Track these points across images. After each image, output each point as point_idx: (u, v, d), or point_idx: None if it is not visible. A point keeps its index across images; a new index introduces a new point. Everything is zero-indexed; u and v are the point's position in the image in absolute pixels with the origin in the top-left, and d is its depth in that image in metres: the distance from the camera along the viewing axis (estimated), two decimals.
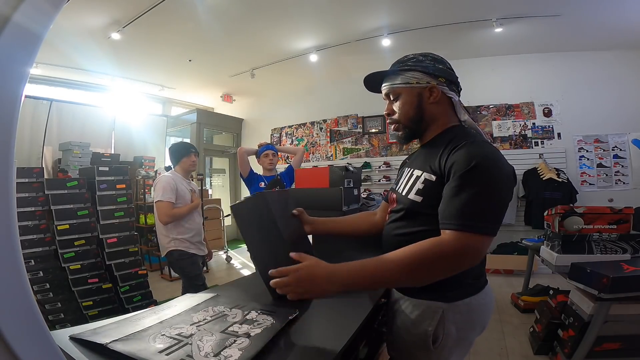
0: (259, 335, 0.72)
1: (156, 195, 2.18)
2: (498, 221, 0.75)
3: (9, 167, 0.38)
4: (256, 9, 3.33)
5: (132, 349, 0.63)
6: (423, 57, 0.93)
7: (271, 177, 2.63)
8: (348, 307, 0.90)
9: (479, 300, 0.88)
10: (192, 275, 2.28)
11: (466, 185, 0.75)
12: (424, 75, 0.90)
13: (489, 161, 0.76)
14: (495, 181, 0.75)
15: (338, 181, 1.87)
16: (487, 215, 0.74)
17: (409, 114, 0.93)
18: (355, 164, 4.75)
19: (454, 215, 0.74)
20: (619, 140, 3.91)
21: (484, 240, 0.73)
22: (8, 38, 0.37)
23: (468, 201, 0.73)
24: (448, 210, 0.76)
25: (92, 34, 3.60)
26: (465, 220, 0.73)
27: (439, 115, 0.93)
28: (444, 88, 0.90)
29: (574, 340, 1.81)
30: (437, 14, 3.43)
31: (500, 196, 0.76)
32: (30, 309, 0.40)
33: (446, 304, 0.85)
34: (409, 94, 0.92)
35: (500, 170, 0.77)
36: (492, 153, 0.78)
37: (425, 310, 0.86)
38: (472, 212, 0.73)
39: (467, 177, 0.75)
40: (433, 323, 0.85)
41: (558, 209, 1.85)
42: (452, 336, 0.86)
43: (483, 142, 0.83)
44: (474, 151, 0.77)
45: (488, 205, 0.74)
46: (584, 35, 3.72)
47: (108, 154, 4.29)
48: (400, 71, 0.93)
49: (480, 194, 0.74)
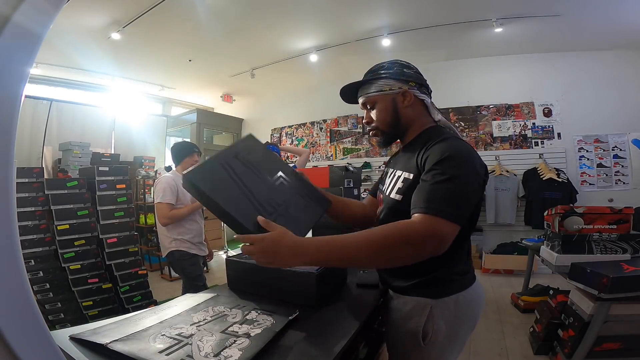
0: (259, 335, 0.72)
1: (156, 196, 2.18)
2: (464, 210, 0.77)
3: (9, 167, 0.38)
4: (256, 9, 3.33)
5: (132, 349, 0.63)
6: (392, 65, 0.98)
7: None
8: (348, 307, 0.90)
9: (466, 297, 0.91)
10: (193, 276, 2.28)
11: (437, 174, 0.78)
12: (395, 81, 0.95)
13: (460, 154, 0.80)
14: (464, 172, 0.78)
15: (338, 181, 1.88)
16: (454, 203, 0.75)
17: (386, 120, 0.97)
18: (355, 164, 4.75)
19: (423, 200, 0.76)
20: (619, 140, 3.91)
21: (449, 226, 0.74)
22: (8, 38, 0.37)
23: (437, 188, 0.76)
24: (418, 196, 0.78)
25: (92, 34, 3.60)
26: (433, 204, 0.75)
27: (414, 117, 0.97)
28: (416, 91, 0.95)
29: (574, 340, 1.81)
30: (437, 14, 3.43)
31: (468, 187, 0.78)
32: (30, 309, 0.40)
33: (434, 300, 0.88)
34: (383, 101, 0.97)
35: (471, 163, 0.80)
36: (463, 147, 0.83)
37: (415, 307, 0.89)
38: (439, 198, 0.75)
39: (438, 166, 0.78)
40: (422, 319, 0.87)
41: (558, 209, 1.85)
42: (441, 332, 0.88)
43: (456, 138, 0.87)
44: (446, 145, 0.82)
45: (455, 193, 0.76)
46: (584, 35, 3.72)
47: (108, 154, 4.28)
48: (373, 80, 0.97)
49: (448, 181, 0.76)
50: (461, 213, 0.76)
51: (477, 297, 0.95)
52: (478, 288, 0.95)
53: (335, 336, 0.73)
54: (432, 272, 0.87)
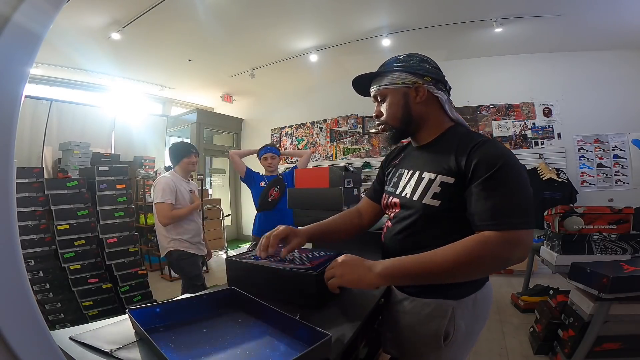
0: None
1: (156, 196, 2.18)
2: (532, 213, 0.77)
3: (9, 167, 0.38)
4: (256, 9, 3.33)
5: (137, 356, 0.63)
6: (408, 58, 0.94)
7: (273, 176, 2.62)
8: (348, 307, 0.90)
9: (483, 294, 0.91)
10: (192, 276, 2.28)
11: (498, 186, 0.76)
12: (409, 75, 0.91)
13: (511, 160, 0.79)
14: (521, 178, 0.79)
15: (338, 181, 1.87)
16: (523, 211, 0.76)
17: (397, 115, 0.93)
18: (355, 164, 4.75)
19: (494, 216, 0.75)
20: (619, 140, 3.91)
21: (526, 233, 0.75)
22: (8, 38, 0.37)
23: (504, 200, 0.75)
24: (485, 211, 0.76)
25: (92, 34, 3.60)
26: (505, 219, 0.74)
27: (427, 114, 0.93)
28: (431, 87, 0.91)
29: (574, 340, 1.81)
30: (437, 14, 3.43)
31: (527, 192, 0.79)
32: (30, 309, 0.40)
33: (456, 302, 0.87)
34: (395, 94, 0.92)
35: (521, 167, 0.80)
36: (509, 152, 0.82)
37: (436, 309, 0.87)
38: (509, 211, 0.75)
39: (497, 177, 0.76)
40: (444, 321, 0.86)
41: (558, 209, 1.84)
42: (461, 331, 0.87)
43: (495, 140, 0.87)
44: (496, 151, 0.80)
45: (521, 201, 0.76)
46: (584, 35, 3.72)
47: (108, 154, 4.29)
48: (387, 72, 0.94)
49: (512, 193, 0.76)
50: (531, 218, 0.76)
51: (489, 293, 0.96)
52: (488, 285, 0.95)
53: (335, 336, 0.73)
54: None
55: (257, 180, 2.63)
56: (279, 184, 2.56)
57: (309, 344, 0.60)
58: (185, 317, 0.78)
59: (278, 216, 2.51)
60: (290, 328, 0.69)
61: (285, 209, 2.46)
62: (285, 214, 2.47)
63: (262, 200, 2.54)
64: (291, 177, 2.63)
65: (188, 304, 0.81)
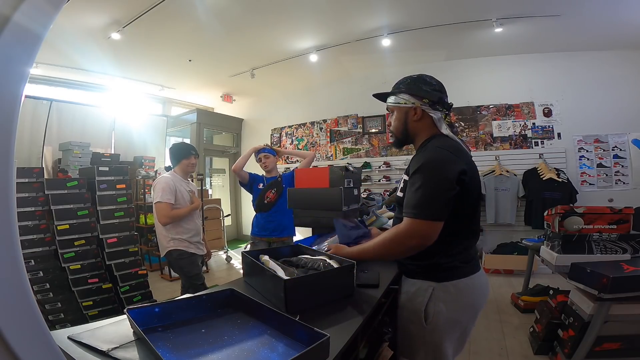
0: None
1: (155, 196, 2.18)
2: (435, 209, 0.95)
3: (9, 167, 0.38)
4: (256, 9, 3.33)
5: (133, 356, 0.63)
6: (413, 81, 1.13)
7: (272, 178, 2.62)
8: (348, 307, 0.90)
9: (467, 283, 1.04)
10: (192, 275, 2.29)
11: (412, 183, 1.00)
12: (410, 97, 1.11)
13: (429, 163, 0.99)
14: (432, 179, 0.97)
15: (338, 181, 1.87)
16: (424, 204, 0.95)
17: (399, 128, 1.17)
18: (355, 164, 4.75)
19: (405, 205, 1.00)
20: (619, 140, 3.91)
21: (426, 224, 0.95)
22: (8, 38, 0.37)
23: (412, 195, 0.98)
24: (404, 201, 1.01)
25: (92, 34, 3.60)
26: (409, 209, 0.98)
27: (420, 130, 1.14)
28: (427, 108, 1.10)
29: (574, 340, 1.81)
30: (437, 14, 3.43)
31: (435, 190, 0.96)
32: (30, 309, 0.40)
33: (436, 283, 1.03)
34: (399, 111, 1.16)
35: (439, 170, 0.97)
36: (435, 157, 1.00)
37: (419, 288, 1.06)
38: (414, 204, 0.97)
39: (414, 176, 1.00)
40: (425, 299, 1.03)
41: (558, 209, 1.85)
42: (442, 315, 1.01)
43: (435, 148, 1.03)
44: (422, 156, 1.02)
45: (425, 197, 0.96)
46: (584, 35, 3.72)
47: (108, 154, 4.28)
48: (395, 92, 1.15)
49: (419, 189, 0.97)
50: (432, 212, 0.95)
51: (478, 285, 1.07)
52: (481, 277, 1.08)
53: (336, 336, 0.73)
54: (431, 258, 1.03)
55: (257, 182, 2.63)
56: (277, 187, 2.55)
57: (308, 344, 0.60)
58: (184, 317, 0.78)
59: (274, 218, 2.51)
60: (289, 329, 0.69)
61: (283, 211, 2.46)
62: (282, 216, 2.50)
63: (259, 202, 2.55)
64: (291, 179, 2.60)
65: (187, 304, 0.81)
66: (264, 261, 1.03)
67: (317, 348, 0.58)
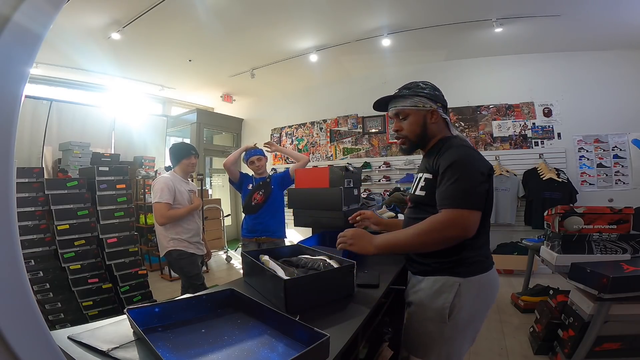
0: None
1: (154, 196, 2.19)
2: (474, 198, 0.98)
3: (9, 167, 0.38)
4: (256, 9, 3.33)
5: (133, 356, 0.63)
6: (425, 85, 1.18)
7: (261, 179, 2.52)
8: (348, 307, 0.90)
9: (488, 278, 1.07)
10: (191, 275, 2.29)
11: (448, 177, 1.01)
12: (429, 100, 1.15)
13: (462, 159, 1.02)
14: (467, 172, 1.00)
15: (338, 181, 1.88)
16: (463, 195, 0.97)
17: (416, 132, 1.17)
18: (355, 164, 4.74)
19: (442, 198, 1.00)
20: (619, 140, 3.91)
21: (466, 213, 0.96)
22: (8, 38, 0.37)
23: (449, 187, 0.99)
24: (439, 196, 1.02)
25: (92, 34, 3.60)
26: (449, 200, 0.98)
27: (436, 132, 1.18)
28: (441, 111, 1.16)
29: (574, 340, 1.81)
30: (437, 14, 3.43)
31: (471, 181, 0.99)
32: (30, 309, 0.40)
33: (462, 279, 1.04)
34: (416, 115, 1.16)
35: (471, 165, 1.01)
36: (465, 154, 1.03)
37: (444, 284, 1.05)
38: (452, 194, 0.98)
39: (448, 171, 1.01)
40: (451, 295, 1.03)
41: (558, 209, 1.85)
42: (465, 310, 1.03)
43: (461, 146, 1.07)
44: (452, 154, 1.04)
45: (463, 188, 0.98)
46: (584, 35, 3.72)
47: (108, 154, 4.28)
48: (410, 95, 1.16)
49: (457, 181, 0.98)
50: (472, 201, 0.97)
51: (495, 280, 1.11)
52: (495, 273, 1.11)
53: (336, 336, 0.73)
54: (459, 253, 1.04)
55: (247, 182, 2.57)
56: (265, 188, 2.47)
57: (308, 344, 0.60)
58: (184, 317, 0.78)
59: (262, 220, 2.44)
60: (289, 329, 0.70)
61: (272, 213, 2.44)
62: (270, 219, 2.44)
63: (247, 203, 2.49)
64: (281, 180, 2.54)
65: (187, 304, 0.81)
66: (264, 261, 1.03)
67: (317, 348, 0.58)
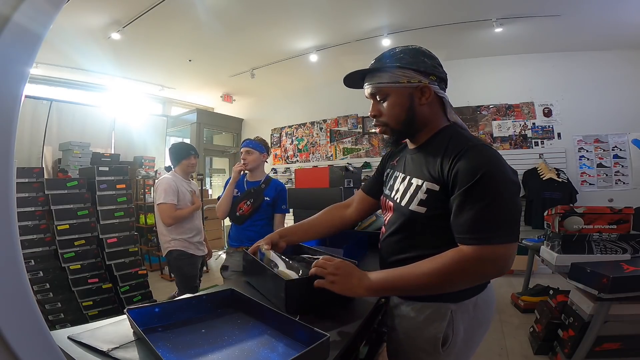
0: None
1: (158, 197, 2.19)
2: (513, 226, 0.74)
3: (9, 167, 0.38)
4: (256, 9, 3.33)
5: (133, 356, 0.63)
6: (411, 51, 0.85)
7: (253, 184, 2.09)
8: (348, 307, 0.90)
9: (484, 298, 0.87)
10: (189, 276, 2.29)
11: (477, 198, 0.72)
12: (415, 73, 0.82)
13: (494, 169, 0.73)
14: (503, 189, 0.73)
15: (338, 181, 1.88)
16: (501, 225, 0.72)
17: (400, 117, 0.85)
18: (355, 164, 4.74)
19: (471, 229, 0.72)
20: (619, 140, 3.91)
21: (504, 248, 0.72)
22: (8, 38, 0.37)
23: (481, 214, 0.72)
24: (463, 224, 0.74)
25: (92, 34, 3.60)
26: (481, 233, 0.71)
27: (430, 117, 0.86)
28: (436, 87, 0.83)
29: (574, 340, 1.81)
30: (437, 14, 3.43)
31: (510, 203, 0.74)
32: (30, 309, 0.40)
33: (455, 304, 0.83)
34: (399, 94, 0.83)
35: (505, 177, 0.74)
36: (495, 159, 0.75)
37: (434, 312, 0.83)
38: (486, 225, 0.72)
39: (476, 189, 0.72)
40: (443, 324, 0.82)
41: (558, 209, 1.85)
42: (460, 336, 0.84)
43: (482, 146, 0.77)
44: (477, 160, 0.74)
45: (500, 214, 0.73)
46: (584, 35, 3.72)
47: (108, 154, 4.28)
48: (388, 68, 0.84)
49: (491, 205, 0.72)
50: (510, 231, 0.73)
51: (492, 297, 0.91)
52: (491, 288, 0.92)
53: (336, 336, 0.73)
54: None
55: (238, 184, 2.09)
56: (254, 197, 2.01)
57: (308, 344, 0.60)
58: (184, 317, 0.78)
59: (247, 234, 2.01)
60: (289, 329, 0.69)
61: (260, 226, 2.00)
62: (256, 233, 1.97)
63: (232, 211, 2.06)
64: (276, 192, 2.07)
65: (187, 304, 0.81)
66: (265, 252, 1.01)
67: (317, 348, 0.58)
